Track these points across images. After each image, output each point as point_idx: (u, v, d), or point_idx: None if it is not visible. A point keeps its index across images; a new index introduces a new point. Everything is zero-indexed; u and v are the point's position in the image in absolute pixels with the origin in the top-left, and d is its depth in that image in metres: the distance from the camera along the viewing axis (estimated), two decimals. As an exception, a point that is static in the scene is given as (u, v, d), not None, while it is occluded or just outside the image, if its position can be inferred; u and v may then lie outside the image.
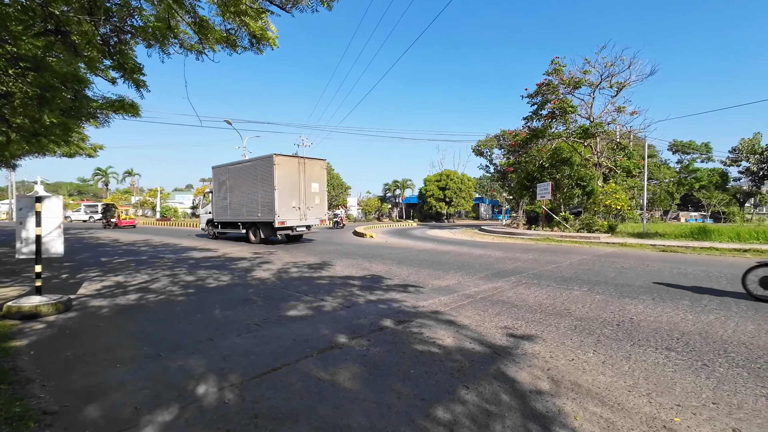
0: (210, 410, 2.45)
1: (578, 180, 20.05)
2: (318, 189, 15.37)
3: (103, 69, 6.93)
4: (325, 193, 15.98)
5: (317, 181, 15.40)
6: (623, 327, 4.21)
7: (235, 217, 16.01)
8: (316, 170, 15.43)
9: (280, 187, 13.80)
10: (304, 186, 14.81)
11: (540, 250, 12.19)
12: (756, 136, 42.32)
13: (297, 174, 14.59)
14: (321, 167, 15.82)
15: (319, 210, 15.52)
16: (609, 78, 20.37)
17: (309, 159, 15.65)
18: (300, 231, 14.88)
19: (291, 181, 14.36)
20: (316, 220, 15.52)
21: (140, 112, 8.53)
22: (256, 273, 7.86)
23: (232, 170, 16.17)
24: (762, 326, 4.16)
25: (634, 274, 7.57)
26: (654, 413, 2.42)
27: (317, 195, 15.33)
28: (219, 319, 4.53)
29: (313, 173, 15.26)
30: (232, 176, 16.17)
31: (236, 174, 15.88)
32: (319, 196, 15.45)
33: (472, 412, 2.44)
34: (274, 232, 14.37)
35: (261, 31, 5.66)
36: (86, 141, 15.19)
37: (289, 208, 14.24)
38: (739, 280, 5.67)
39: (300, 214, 14.59)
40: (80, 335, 4.01)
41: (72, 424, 2.30)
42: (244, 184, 15.41)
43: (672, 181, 41.73)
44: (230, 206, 16.36)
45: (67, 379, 2.95)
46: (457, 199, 44.34)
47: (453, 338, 3.84)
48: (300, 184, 14.68)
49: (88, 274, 7.72)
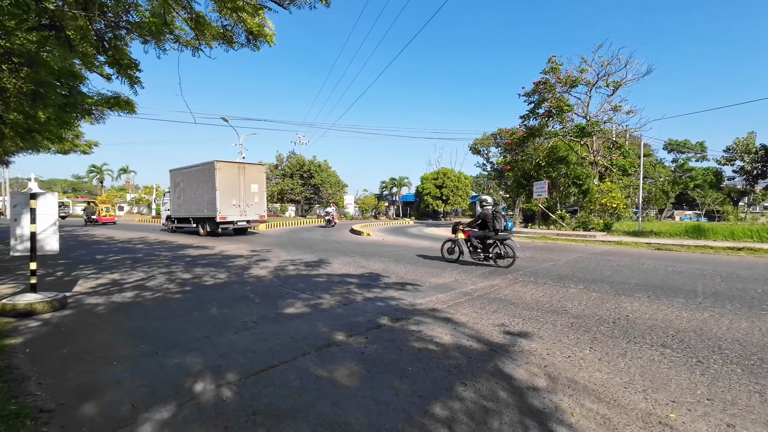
0: (208, 408, 2.44)
1: (574, 179, 20.14)
2: (257, 189, 18.05)
3: (98, 65, 6.87)
4: (264, 193, 18.63)
5: (256, 182, 18.05)
6: (619, 324, 4.24)
7: (187, 214, 18.70)
8: (255, 174, 18.18)
9: (221, 188, 16.43)
10: (243, 187, 17.41)
11: (536, 248, 12.24)
12: (750, 135, 42.64)
13: (237, 177, 17.24)
14: (260, 171, 18.61)
15: (258, 207, 18.19)
16: (605, 77, 20.46)
17: (249, 164, 18.46)
18: (241, 225, 17.54)
19: (231, 183, 16.95)
20: (256, 215, 18.08)
21: (136, 109, 8.47)
22: (253, 271, 7.85)
23: (185, 173, 18.77)
24: (756, 324, 4.21)
25: (630, 272, 7.63)
26: (650, 409, 2.45)
27: (256, 195, 18.00)
28: (216, 317, 4.52)
29: (253, 176, 17.96)
30: (184, 179, 18.80)
31: (187, 177, 18.51)
32: (258, 195, 18.14)
33: (470, 408, 2.45)
34: (217, 225, 16.71)
35: (258, 27, 5.64)
36: (81, 138, 15.08)
37: (230, 205, 16.87)
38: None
39: (240, 211, 17.24)
40: (76, 333, 3.99)
41: (69, 422, 2.29)
42: (194, 186, 18.04)
43: (667, 180, 42.02)
44: (183, 204, 18.99)
45: (64, 376, 2.93)
46: (454, 197, 44.41)
47: (450, 336, 3.85)
48: (240, 185, 17.28)
49: (83, 272, 7.67)
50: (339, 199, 44.69)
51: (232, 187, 17.03)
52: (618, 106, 20.70)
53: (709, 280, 6.71)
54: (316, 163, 42.80)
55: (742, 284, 6.32)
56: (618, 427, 2.25)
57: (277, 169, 45.33)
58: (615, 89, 20.52)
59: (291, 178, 41.84)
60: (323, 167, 42.90)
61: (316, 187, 42.42)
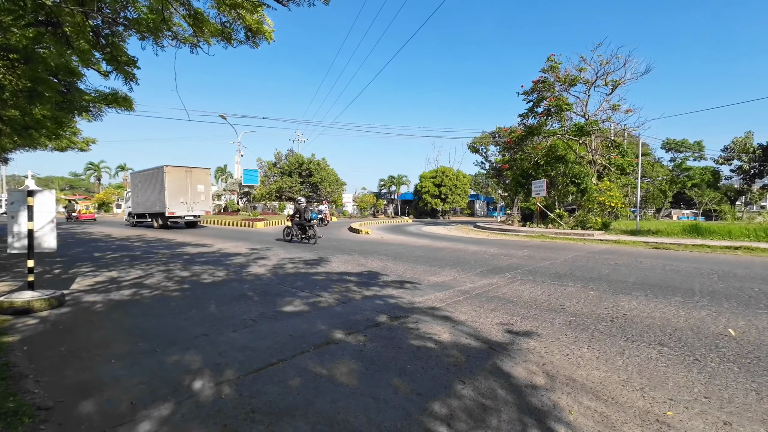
0: (206, 405, 2.44)
1: (573, 177, 20.16)
2: (203, 189, 21.51)
3: (95, 62, 6.83)
4: (209, 192, 22.24)
5: (202, 183, 21.48)
6: (617, 323, 4.25)
7: (144, 210, 22.16)
8: (201, 176, 21.58)
9: (169, 189, 19.77)
10: (190, 188, 20.78)
11: (535, 247, 12.27)
12: (748, 135, 42.78)
13: (185, 179, 20.63)
14: (206, 174, 22.05)
15: (204, 204, 21.80)
16: (604, 76, 20.47)
17: (195, 168, 21.48)
18: (189, 219, 21.04)
19: (179, 184, 20.30)
20: (202, 211, 21.78)
21: (134, 106, 8.43)
22: (252, 269, 7.84)
23: (141, 176, 22.54)
24: (752, 322, 4.23)
25: (628, 270, 7.65)
26: (647, 407, 2.46)
27: (202, 194, 21.45)
28: (215, 315, 4.52)
29: (199, 178, 21.40)
30: (141, 181, 22.35)
31: (143, 179, 22.06)
32: (204, 194, 21.62)
33: (469, 406, 2.46)
34: (167, 219, 20.09)
35: (257, 24, 5.61)
36: (78, 135, 15.01)
37: (178, 203, 20.21)
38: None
39: (187, 207, 20.68)
40: (74, 330, 3.98)
41: (67, 420, 2.29)
42: (148, 187, 21.39)
43: (665, 179, 42.10)
44: (141, 202, 22.43)
45: (62, 374, 2.93)
46: (453, 195, 44.45)
47: (449, 334, 3.86)
48: (187, 186, 20.64)
49: (81, 270, 7.65)
50: (338, 198, 44.66)
51: (180, 188, 20.38)
52: (617, 105, 20.73)
53: (706, 278, 6.74)
54: (315, 162, 42.74)
55: (739, 283, 6.35)
56: (616, 425, 2.26)
57: (275, 167, 45.24)
58: (614, 88, 20.54)
59: (290, 177, 41.77)
60: (322, 165, 42.85)
61: (315, 185, 42.38)
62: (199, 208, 21.31)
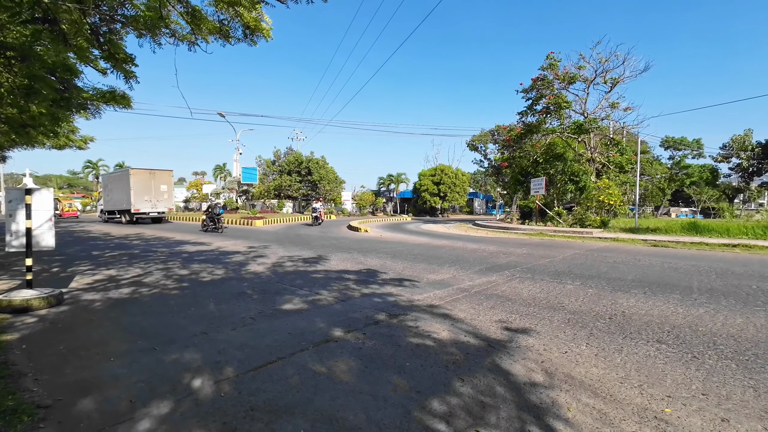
0: (206, 403, 2.44)
1: (571, 175, 20.18)
2: (166, 189, 24.48)
3: (93, 59, 6.80)
4: (172, 192, 25.43)
5: (165, 184, 24.44)
6: (615, 320, 4.26)
7: (113, 207, 25.12)
8: (164, 177, 24.64)
9: (134, 189, 22.78)
10: (154, 188, 23.78)
11: (533, 245, 12.29)
12: (747, 132, 42.81)
13: (149, 180, 23.69)
14: (168, 175, 25.15)
15: (167, 202, 24.69)
16: (603, 74, 20.47)
17: (158, 171, 24.51)
18: (153, 215, 24.04)
19: (144, 185, 23.29)
20: (165, 208, 24.59)
21: (132, 104, 8.40)
22: (251, 267, 7.83)
23: (111, 177, 26.37)
24: (750, 319, 4.24)
25: (626, 268, 7.67)
26: (645, 404, 2.47)
27: (165, 193, 24.40)
28: (214, 313, 4.52)
29: (162, 179, 24.40)
30: (111, 182, 25.77)
31: (113, 180, 25.45)
32: (167, 193, 24.60)
33: (468, 404, 2.47)
34: (133, 216, 23.22)
35: (255, 22, 5.59)
36: (76, 133, 14.95)
37: (143, 201, 23.19)
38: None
39: (151, 205, 23.66)
40: (73, 329, 3.98)
41: (66, 418, 2.29)
42: (117, 187, 24.47)
43: (664, 176, 42.17)
44: (111, 201, 25.50)
45: (61, 372, 2.92)
46: (452, 193, 44.43)
47: (448, 331, 3.86)
48: (151, 186, 23.66)
49: (79, 268, 7.64)
50: (337, 196, 44.63)
51: (144, 188, 23.34)
52: (616, 103, 20.74)
53: (704, 276, 6.76)
54: (314, 160, 42.69)
55: (737, 280, 6.36)
56: (614, 422, 2.27)
57: (274, 165, 45.18)
58: (613, 86, 20.54)
59: (289, 175, 41.73)
60: (321, 164, 42.80)
61: (314, 183, 42.34)
62: (162, 205, 24.40)
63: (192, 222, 25.31)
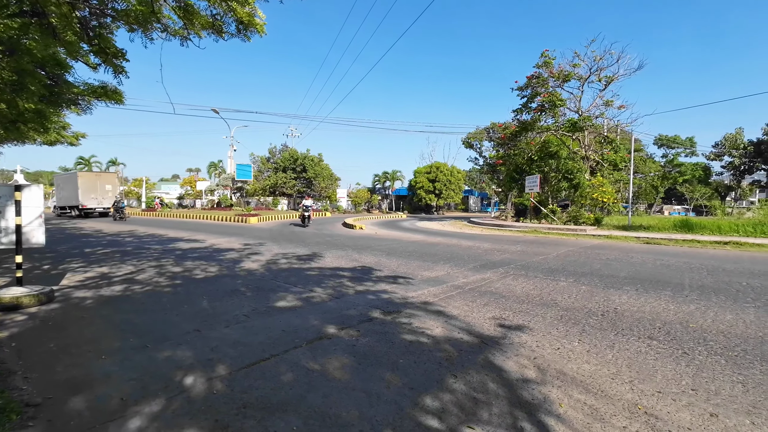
0: (198, 401, 2.43)
1: (566, 173, 20.28)
2: (110, 188, 28.79)
3: (83, 54, 6.70)
4: (117, 190, 29.44)
5: (110, 184, 29.13)
6: (607, 317, 4.30)
7: (65, 204, 29.22)
8: (109, 178, 30.00)
9: (82, 188, 27.19)
10: (100, 187, 28.29)
11: (528, 242, 12.35)
12: (738, 131, 43.25)
13: (95, 181, 28.58)
14: (113, 177, 31.05)
15: (111, 200, 27.40)
16: (598, 72, 20.55)
17: (103, 173, 31.13)
18: (100, 210, 28.01)
19: (90, 185, 27.84)
20: (110, 204, 27.50)
21: (124, 99, 8.31)
22: (245, 264, 7.80)
23: (62, 178, 30.45)
24: (740, 316, 4.30)
25: (619, 265, 7.73)
26: (636, 400, 2.49)
27: (110, 192, 28.57)
28: (207, 310, 4.49)
29: (107, 180, 29.48)
30: (62, 181, 29.95)
31: (64, 180, 29.66)
32: (111, 192, 28.61)
33: (460, 400, 2.48)
34: (81, 211, 27.38)
35: (248, 17, 5.53)
36: (67, 129, 14.76)
37: (89, 198, 27.63)
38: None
39: (97, 202, 27.97)
40: (64, 327, 3.94)
41: (56, 416, 2.26)
42: (67, 186, 28.70)
43: (657, 174, 42.54)
44: (63, 198, 29.47)
45: (51, 370, 2.89)
46: (447, 191, 44.49)
47: (442, 328, 3.87)
48: (97, 186, 28.21)
49: (70, 265, 7.56)
50: (332, 193, 44.52)
51: (91, 188, 27.79)
52: (610, 101, 20.82)
53: (695, 273, 6.83)
54: (309, 157, 42.51)
55: (728, 277, 6.44)
56: (605, 417, 2.29)
57: (269, 162, 44.93)
58: (607, 84, 20.63)
59: (284, 172, 41.53)
60: (316, 161, 42.63)
61: (309, 180, 42.19)
62: (107, 202, 28.12)
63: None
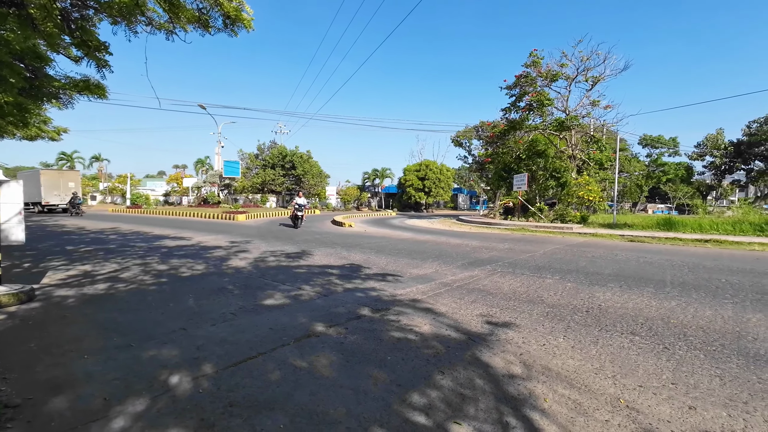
0: (183, 400, 2.40)
1: (553, 172, 20.55)
2: (73, 186, 29.65)
3: (64, 46, 6.52)
4: (80, 188, 30.93)
5: (72, 181, 30.18)
6: (592, 313, 4.38)
7: (28, 200, 28.99)
8: (72, 176, 31.07)
9: (44, 186, 28.68)
10: (62, 185, 29.47)
11: (515, 240, 12.49)
12: (719, 131, 44.35)
13: (58, 178, 29.91)
14: (76, 175, 32.30)
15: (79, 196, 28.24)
16: (585, 72, 20.81)
17: (66, 171, 33.62)
18: (62, 207, 28.91)
19: (53, 183, 29.25)
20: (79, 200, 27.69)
21: (107, 94, 8.12)
22: (232, 262, 7.72)
23: (26, 175, 31.09)
24: (718, 312, 4.42)
25: (604, 263, 7.87)
26: (618, 394, 2.55)
27: (72, 189, 28.93)
28: (193, 309, 4.44)
29: (70, 178, 30.61)
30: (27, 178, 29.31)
31: (28, 177, 29.78)
32: (74, 189, 28.99)
33: (447, 396, 2.50)
34: (44, 207, 28.78)
35: (236, 11, 5.46)
36: (49, 123, 14.39)
37: (52, 195, 29.05)
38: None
39: (60, 199, 29.14)
40: (45, 326, 3.85)
41: (36, 417, 2.22)
42: (30, 184, 28.52)
43: (641, 174, 43.39)
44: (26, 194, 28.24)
45: (31, 371, 2.83)
46: (436, 189, 44.68)
47: (430, 325, 3.90)
48: (60, 183, 29.49)
49: (52, 263, 7.38)
50: (321, 190, 44.30)
51: (54, 185, 29.16)
52: (596, 101, 21.12)
53: (677, 270, 6.99)
54: (299, 154, 42.20)
55: (708, 274, 6.61)
56: (588, 411, 2.34)
57: (257, 159, 44.49)
58: (593, 84, 20.91)
59: (272, 169, 41.17)
60: (305, 158, 42.35)
61: (298, 177, 41.90)
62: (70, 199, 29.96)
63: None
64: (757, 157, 39.90)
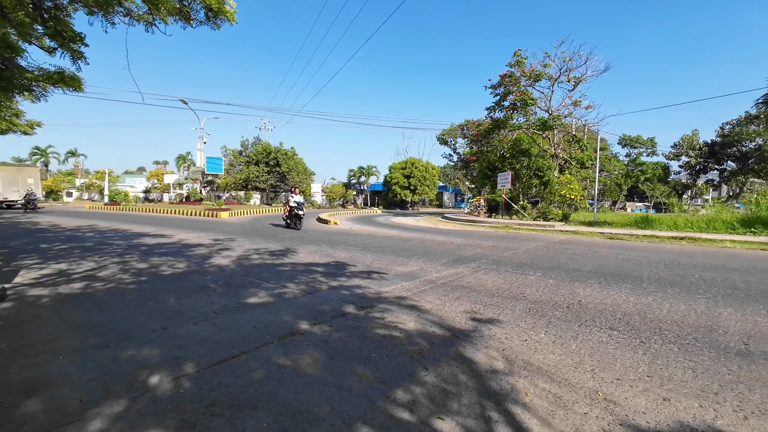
0: (164, 400, 2.36)
1: (536, 170, 20.87)
2: (33, 182, 29.69)
3: (37, 36, 6.27)
4: (39, 184, 31.15)
5: (32, 177, 30.17)
6: (572, 309, 4.48)
7: None
8: (31, 172, 31.16)
9: (2, 182, 28.42)
10: (21, 181, 29.15)
11: (499, 238, 12.65)
12: (694, 132, 45.80)
13: (17, 175, 29.62)
14: (36, 171, 32.51)
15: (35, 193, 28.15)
16: (567, 72, 21.22)
17: (26, 167, 33.49)
18: (21, 203, 27.20)
19: (12, 179, 28.96)
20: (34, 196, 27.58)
21: (83, 87, 7.86)
22: (215, 260, 7.60)
23: None
24: (692, 306, 4.58)
25: (584, 259, 8.05)
26: (596, 387, 2.62)
27: (32, 185, 29.12)
28: (174, 308, 4.35)
29: (29, 174, 30.47)
30: None
31: None
32: (33, 185, 29.29)
33: (431, 392, 2.52)
34: (2, 203, 28.26)
35: (218, 4, 5.35)
36: (21, 117, 13.85)
37: (11, 191, 28.60)
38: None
39: (19, 195, 28.02)
40: (17, 326, 3.71)
41: (8, 421, 2.14)
42: None
43: (621, 173, 44.51)
44: None
45: (3, 372, 2.73)
46: (422, 187, 44.87)
47: (414, 323, 3.92)
48: (19, 180, 29.13)
49: (25, 262, 7.12)
50: (306, 188, 43.94)
51: (12, 181, 28.83)
52: (578, 101, 21.57)
53: (654, 267, 7.21)
54: (283, 151, 41.73)
55: (683, 271, 6.84)
56: (568, 405, 2.39)
57: (241, 156, 43.81)
58: (575, 85, 21.34)
59: (256, 166, 40.61)
60: (290, 155, 41.92)
61: (283, 174, 41.45)
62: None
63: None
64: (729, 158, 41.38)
